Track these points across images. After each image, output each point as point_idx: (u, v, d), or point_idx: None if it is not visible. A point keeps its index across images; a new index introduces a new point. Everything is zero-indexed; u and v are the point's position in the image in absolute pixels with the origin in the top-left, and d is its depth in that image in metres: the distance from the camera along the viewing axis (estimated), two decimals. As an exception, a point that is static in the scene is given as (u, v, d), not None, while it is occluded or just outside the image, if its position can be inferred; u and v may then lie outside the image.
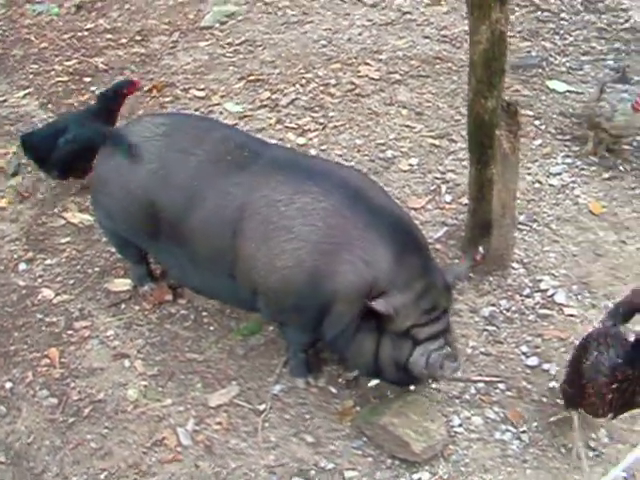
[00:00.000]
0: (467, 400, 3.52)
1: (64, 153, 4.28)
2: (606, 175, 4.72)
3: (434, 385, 3.54)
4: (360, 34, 5.89)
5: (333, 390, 3.55)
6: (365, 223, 3.15)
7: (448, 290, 3.26)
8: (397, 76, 5.44)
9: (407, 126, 5.02)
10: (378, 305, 3.07)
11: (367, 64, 5.55)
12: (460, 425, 3.42)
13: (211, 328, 3.82)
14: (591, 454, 3.30)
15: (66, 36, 6.08)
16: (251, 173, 3.29)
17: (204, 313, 3.89)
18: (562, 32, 6.04)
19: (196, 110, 5.14)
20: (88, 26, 6.18)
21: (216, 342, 3.75)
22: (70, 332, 3.84)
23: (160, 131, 3.52)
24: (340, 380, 3.59)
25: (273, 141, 4.58)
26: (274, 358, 3.67)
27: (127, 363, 3.68)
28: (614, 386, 3.02)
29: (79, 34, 6.10)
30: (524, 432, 3.40)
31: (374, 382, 3.54)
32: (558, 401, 3.49)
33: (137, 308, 3.93)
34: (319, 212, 3.16)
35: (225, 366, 3.65)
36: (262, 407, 3.48)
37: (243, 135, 3.69)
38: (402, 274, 3.12)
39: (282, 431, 3.40)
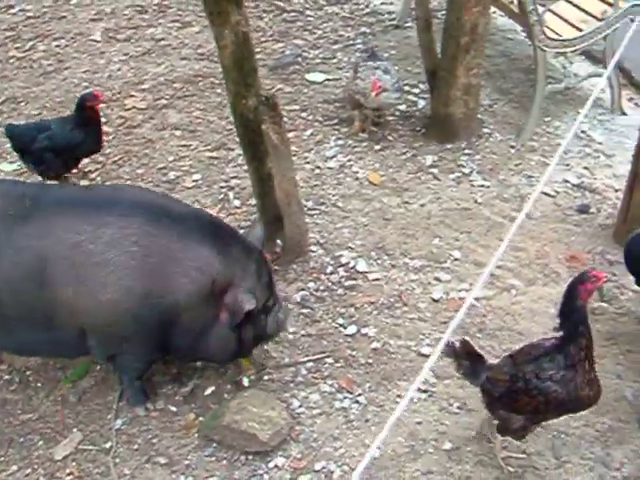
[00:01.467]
0: (301, 381, 3.67)
1: (41, 148, 4.54)
2: (377, 147, 5.06)
3: (266, 377, 3.68)
4: (119, 69, 5.97)
5: (173, 409, 3.59)
6: (178, 233, 3.22)
7: (263, 255, 3.50)
8: (164, 101, 5.57)
9: (183, 146, 5.16)
10: (247, 305, 3.23)
11: (132, 96, 5.64)
12: (300, 406, 3.56)
13: (39, 384, 3.75)
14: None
15: None
16: (38, 221, 3.21)
17: (28, 372, 3.80)
18: (310, 27, 6.39)
19: (-27, 178, 5.01)
20: None
21: (47, 396, 3.69)
22: None
23: None
24: (177, 397, 3.63)
25: (56, 189, 4.58)
26: (108, 395, 3.66)
27: (-39, 444, 3.58)
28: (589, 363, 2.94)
29: None
30: (360, 395, 3.59)
31: (210, 390, 3.64)
32: (383, 358, 3.74)
33: (-43, 387, 3.81)
34: (128, 238, 3.15)
35: (62, 416, 3.62)
36: (109, 445, 3.46)
37: (21, 185, 3.64)
38: (236, 264, 3.27)
39: (134, 461, 3.41)
